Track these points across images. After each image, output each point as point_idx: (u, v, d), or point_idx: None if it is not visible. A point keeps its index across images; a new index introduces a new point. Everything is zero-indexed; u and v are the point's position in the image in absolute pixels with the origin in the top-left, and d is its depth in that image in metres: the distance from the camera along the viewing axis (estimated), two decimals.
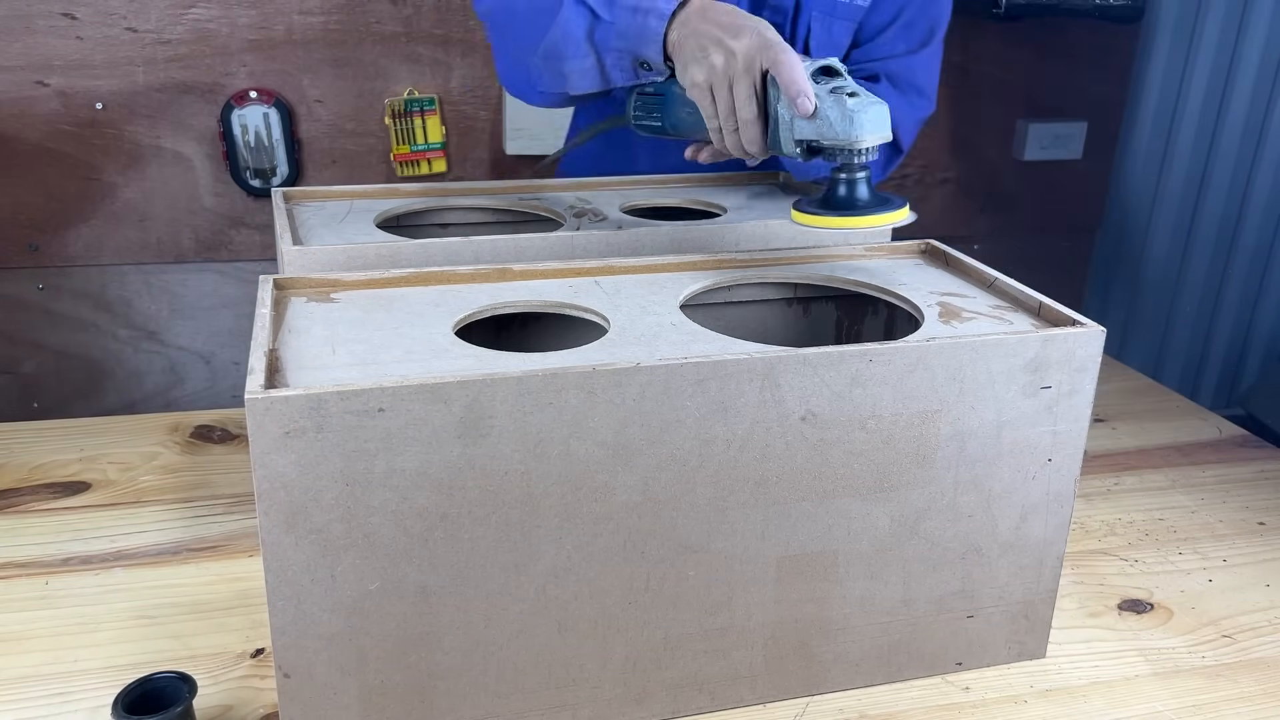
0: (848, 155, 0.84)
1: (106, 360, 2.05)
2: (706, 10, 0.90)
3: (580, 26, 0.95)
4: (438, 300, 0.83)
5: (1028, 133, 2.33)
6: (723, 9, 0.90)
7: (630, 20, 0.92)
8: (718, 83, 0.87)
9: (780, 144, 0.87)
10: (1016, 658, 0.86)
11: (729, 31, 0.86)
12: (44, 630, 0.86)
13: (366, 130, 2.01)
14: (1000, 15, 2.11)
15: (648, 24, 0.91)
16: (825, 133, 0.83)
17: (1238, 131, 2.37)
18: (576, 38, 0.96)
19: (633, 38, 0.92)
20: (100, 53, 1.85)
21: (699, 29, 0.88)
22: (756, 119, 0.87)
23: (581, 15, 0.95)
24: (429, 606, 0.70)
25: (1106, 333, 0.78)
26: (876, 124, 0.83)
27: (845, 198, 0.86)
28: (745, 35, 0.86)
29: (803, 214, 0.88)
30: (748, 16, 0.89)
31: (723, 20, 0.88)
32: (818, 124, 0.83)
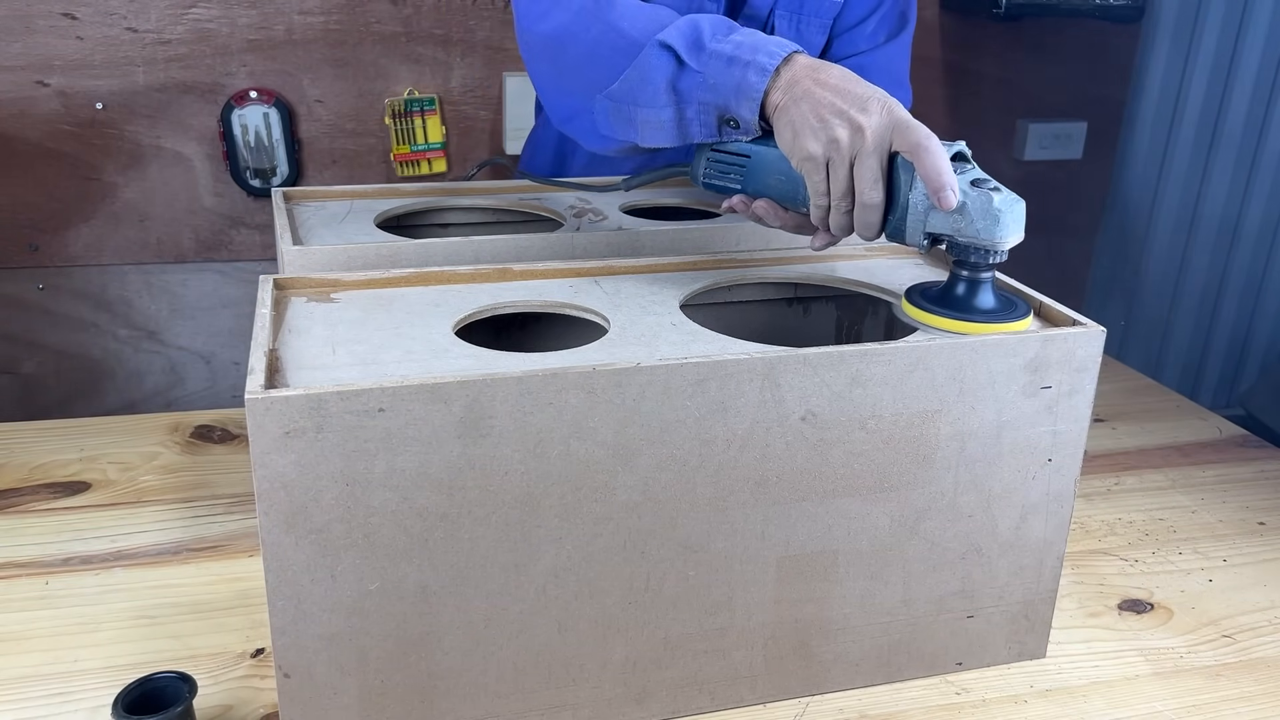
0: (982, 255, 0.78)
1: (106, 360, 2.05)
2: (819, 71, 0.80)
3: (663, 73, 0.84)
4: (438, 300, 0.83)
5: (1028, 133, 2.33)
6: (838, 72, 0.80)
7: (724, 72, 0.81)
8: (837, 159, 0.78)
9: (905, 233, 0.80)
10: (1016, 658, 0.86)
11: (854, 103, 0.77)
12: (44, 630, 0.86)
13: (366, 130, 2.01)
14: (1000, 15, 2.11)
15: (746, 79, 0.81)
16: (964, 229, 0.77)
17: (1238, 131, 2.37)
18: (656, 85, 0.85)
19: (725, 92, 0.82)
20: (100, 53, 1.85)
21: (813, 93, 0.79)
22: (881, 204, 0.79)
23: (665, 61, 0.84)
24: (429, 606, 0.70)
25: (1106, 333, 0.78)
26: (1018, 224, 0.77)
27: (968, 299, 0.80)
28: (874, 110, 0.77)
29: (918, 310, 0.81)
30: (868, 85, 0.80)
31: (843, 87, 0.79)
32: (954, 219, 0.77)
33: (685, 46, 0.84)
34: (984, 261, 0.78)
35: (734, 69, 0.81)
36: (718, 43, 0.83)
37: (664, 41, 0.84)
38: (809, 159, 0.79)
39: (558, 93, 0.97)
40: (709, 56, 0.82)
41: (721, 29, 0.84)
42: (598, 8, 0.90)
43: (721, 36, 0.83)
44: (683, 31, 0.84)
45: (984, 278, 0.80)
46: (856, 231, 0.81)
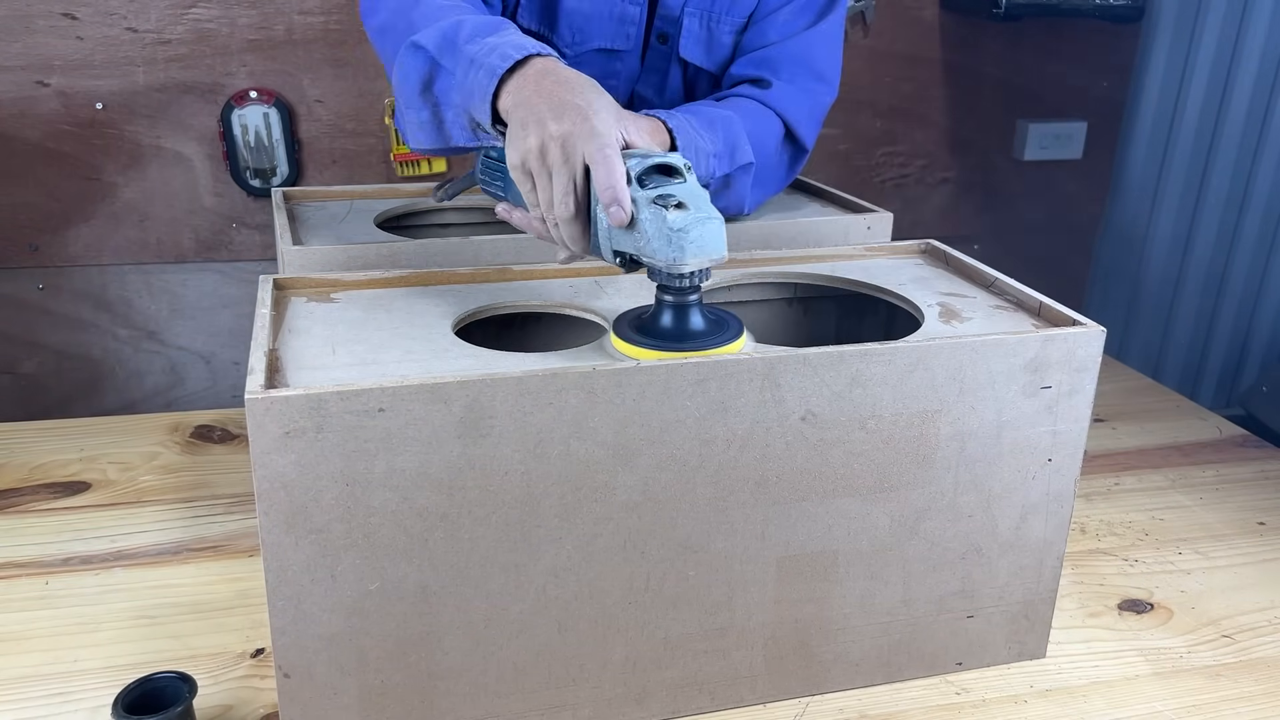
0: (667, 278, 0.71)
1: (106, 360, 2.05)
2: (543, 76, 0.76)
3: (418, 74, 0.83)
4: (438, 300, 0.83)
5: (1028, 133, 2.33)
6: (563, 77, 0.77)
7: (466, 74, 0.79)
8: (535, 170, 0.74)
9: (600, 251, 0.74)
10: (1016, 658, 0.86)
11: (553, 110, 0.73)
12: (44, 630, 0.86)
13: (366, 130, 2.01)
14: (1000, 15, 2.11)
15: (479, 81, 0.78)
16: (643, 249, 0.71)
17: (1238, 131, 2.37)
18: (413, 86, 0.84)
19: (466, 94, 0.80)
20: (100, 53, 1.85)
21: (529, 100, 0.75)
22: (574, 219, 0.74)
23: (418, 62, 0.83)
24: (429, 606, 0.70)
25: (1106, 333, 0.78)
26: (704, 245, 0.69)
27: (669, 328, 0.74)
28: (568, 116, 0.72)
29: (621, 341, 0.74)
30: (584, 91, 0.75)
31: (555, 93, 0.74)
32: (635, 238, 0.71)
33: (438, 47, 0.82)
34: (671, 285, 0.72)
35: (473, 71, 0.79)
36: (471, 44, 0.80)
37: (416, 42, 0.83)
38: (513, 168, 0.75)
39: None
40: (459, 58, 0.80)
41: (483, 30, 0.82)
42: (404, 8, 0.88)
43: (478, 38, 0.80)
44: (443, 31, 0.82)
45: (676, 301, 0.73)
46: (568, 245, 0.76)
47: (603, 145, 0.71)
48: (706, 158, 0.94)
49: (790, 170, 1.10)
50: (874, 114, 2.27)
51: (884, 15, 2.19)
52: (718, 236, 0.70)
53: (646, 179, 0.72)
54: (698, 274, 0.71)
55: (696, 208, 0.70)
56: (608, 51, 1.09)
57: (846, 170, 2.29)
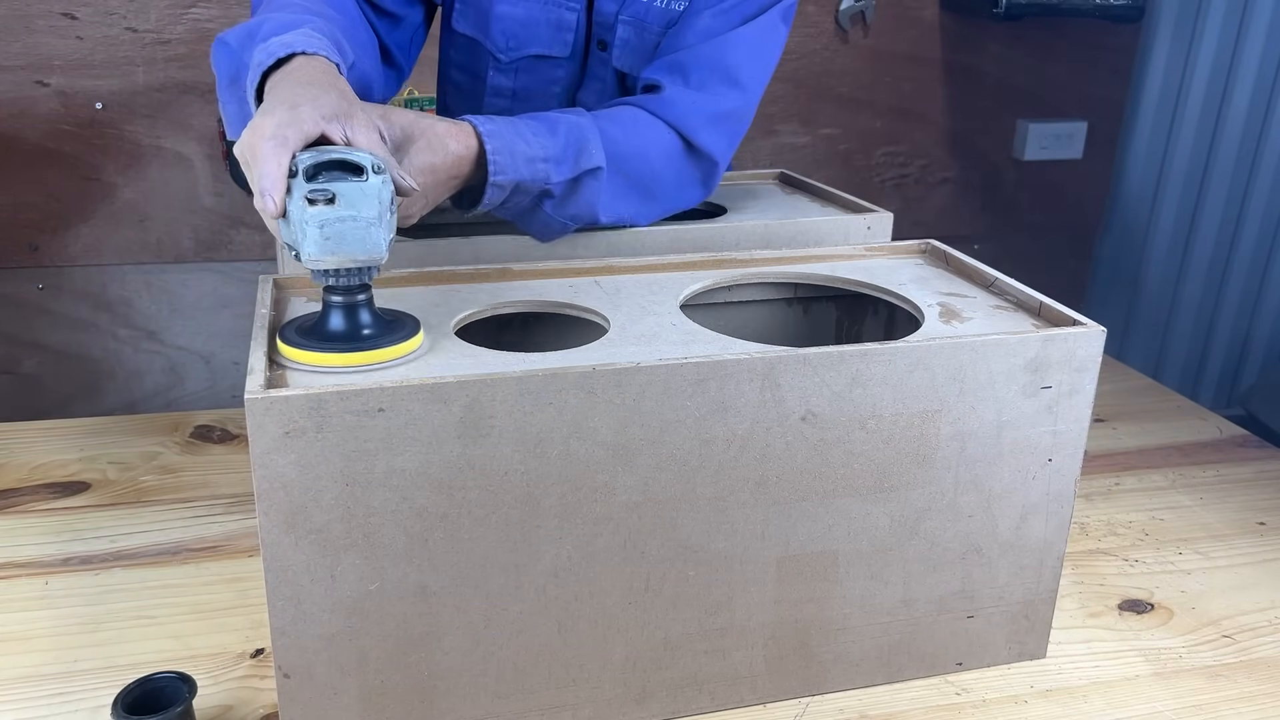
0: (315, 276, 0.70)
1: (106, 360, 2.05)
2: (292, 73, 0.79)
3: (225, 69, 0.87)
4: (438, 300, 0.83)
5: (1028, 133, 2.33)
6: (305, 75, 0.78)
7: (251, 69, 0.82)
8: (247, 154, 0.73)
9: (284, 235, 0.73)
10: (1017, 658, 0.86)
11: (269, 108, 0.74)
12: (44, 630, 0.86)
13: None
14: (1000, 15, 2.11)
15: (252, 77, 0.81)
16: (293, 242, 0.69)
17: (1238, 131, 2.37)
18: (222, 80, 0.88)
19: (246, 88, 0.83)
20: (100, 53, 1.85)
21: (272, 88, 0.77)
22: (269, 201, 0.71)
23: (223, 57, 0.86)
24: (429, 606, 0.69)
25: (1107, 333, 0.78)
26: (343, 242, 0.67)
27: (331, 329, 0.71)
28: (274, 113, 0.72)
29: (285, 345, 0.71)
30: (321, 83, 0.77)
31: (282, 90, 0.76)
32: (289, 230, 0.70)
33: (240, 43, 0.85)
34: (323, 283, 0.70)
35: (254, 67, 0.81)
36: (268, 42, 0.81)
37: (222, 38, 0.86)
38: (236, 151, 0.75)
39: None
40: (255, 53, 0.82)
41: (281, 28, 0.83)
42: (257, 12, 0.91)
43: (272, 36, 0.82)
44: (246, 29, 0.85)
45: (335, 300, 0.71)
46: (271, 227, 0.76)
47: (270, 138, 0.70)
48: (530, 162, 0.90)
49: (700, 184, 1.03)
50: (874, 114, 2.27)
51: (884, 15, 2.19)
52: (359, 237, 0.67)
53: (319, 174, 0.69)
54: (343, 273, 0.69)
55: (350, 205, 0.68)
56: (545, 58, 1.08)
57: (846, 170, 2.29)
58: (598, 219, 0.97)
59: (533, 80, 1.11)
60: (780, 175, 1.27)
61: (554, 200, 0.93)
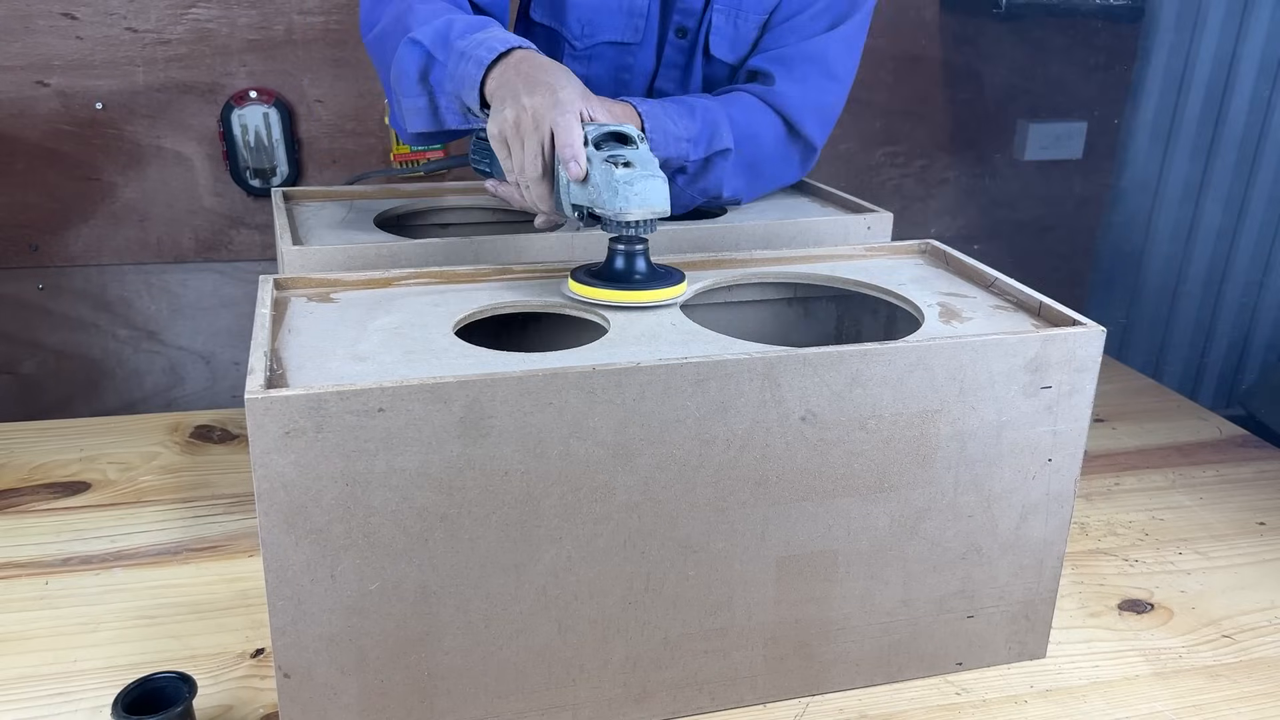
0: (615, 226, 0.81)
1: (106, 360, 2.05)
2: (521, 63, 0.88)
3: (414, 66, 0.94)
4: (438, 300, 0.83)
5: (1028, 133, 2.33)
6: (538, 63, 0.88)
7: (458, 65, 0.91)
8: (510, 138, 0.85)
9: (561, 206, 0.86)
10: (1017, 658, 0.86)
11: (527, 87, 0.85)
12: (44, 630, 0.86)
13: (366, 130, 2.01)
14: (1000, 15, 2.11)
15: (468, 71, 0.90)
16: (595, 200, 0.81)
17: (1238, 131, 2.36)
18: (410, 76, 0.95)
19: (458, 82, 0.91)
20: (100, 53, 1.85)
21: (508, 82, 0.87)
22: (541, 179, 0.85)
23: (416, 54, 0.94)
24: (429, 606, 0.70)
25: (1107, 333, 0.78)
26: (646, 197, 0.79)
27: (619, 270, 0.84)
28: (539, 92, 0.84)
29: (577, 283, 0.84)
30: (556, 73, 0.87)
31: (530, 75, 0.86)
32: (589, 191, 0.82)
33: (434, 42, 0.93)
34: (620, 234, 0.82)
35: (463, 63, 0.90)
36: (461, 39, 0.92)
37: (414, 38, 0.94)
38: (492, 138, 0.87)
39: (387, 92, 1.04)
40: (451, 51, 0.92)
41: (471, 28, 0.93)
42: (404, 14, 0.98)
43: (468, 34, 0.92)
44: (436, 29, 0.94)
45: (625, 249, 0.83)
46: (538, 206, 0.88)
47: (564, 112, 0.82)
48: (678, 141, 1.00)
49: (799, 165, 1.16)
50: (874, 114, 2.27)
51: (884, 15, 2.19)
52: (659, 192, 0.80)
53: (603, 144, 0.83)
54: (642, 224, 0.81)
55: (643, 167, 0.80)
56: (618, 45, 1.12)
57: (846, 170, 2.29)
58: (721, 194, 1.07)
59: (607, 68, 1.14)
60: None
61: (687, 176, 1.03)
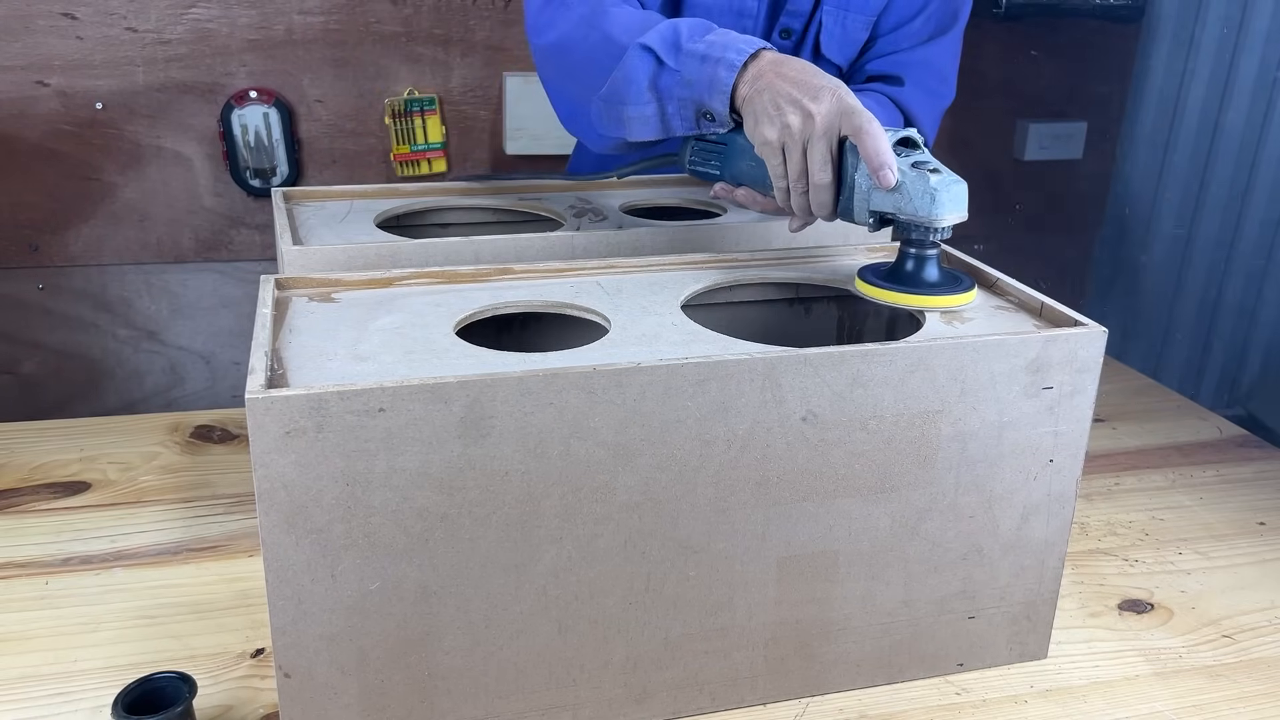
0: (923, 232, 0.82)
1: (106, 360, 2.05)
2: (781, 65, 0.87)
3: (644, 73, 0.92)
4: (438, 300, 0.83)
5: (1028, 133, 2.33)
6: (798, 65, 0.87)
7: (698, 69, 0.89)
8: (791, 144, 0.85)
9: (853, 212, 0.86)
10: (1018, 659, 0.86)
11: (808, 92, 0.84)
12: (44, 630, 0.86)
13: (366, 130, 2.01)
14: (1000, 15, 2.11)
15: (717, 75, 0.88)
16: (904, 207, 0.82)
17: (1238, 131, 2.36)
18: (639, 84, 0.93)
19: (699, 87, 0.90)
20: (100, 53, 1.85)
21: (774, 85, 0.86)
22: (831, 184, 0.85)
23: (646, 61, 0.92)
24: (429, 606, 0.69)
25: (1108, 333, 0.78)
26: (956, 203, 0.81)
27: (914, 274, 0.85)
28: (825, 98, 0.84)
29: (870, 286, 0.86)
30: (825, 76, 0.86)
31: (800, 79, 0.85)
32: (896, 197, 0.82)
33: (664, 48, 0.92)
34: (924, 239, 0.83)
35: (706, 66, 0.89)
36: (693, 43, 0.90)
37: (644, 44, 0.92)
38: (766, 144, 0.86)
39: (561, 97, 1.06)
40: (685, 56, 0.90)
41: (699, 30, 0.92)
42: (594, 17, 0.97)
43: (698, 37, 0.91)
44: (662, 34, 0.92)
45: (926, 254, 0.84)
46: (813, 211, 0.88)
47: (869, 120, 0.82)
48: None
49: None
50: None
51: None
52: (964, 196, 0.82)
53: (897, 150, 0.83)
54: (946, 229, 0.83)
55: (946, 173, 0.82)
56: None
57: None
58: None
59: None
60: None
61: None
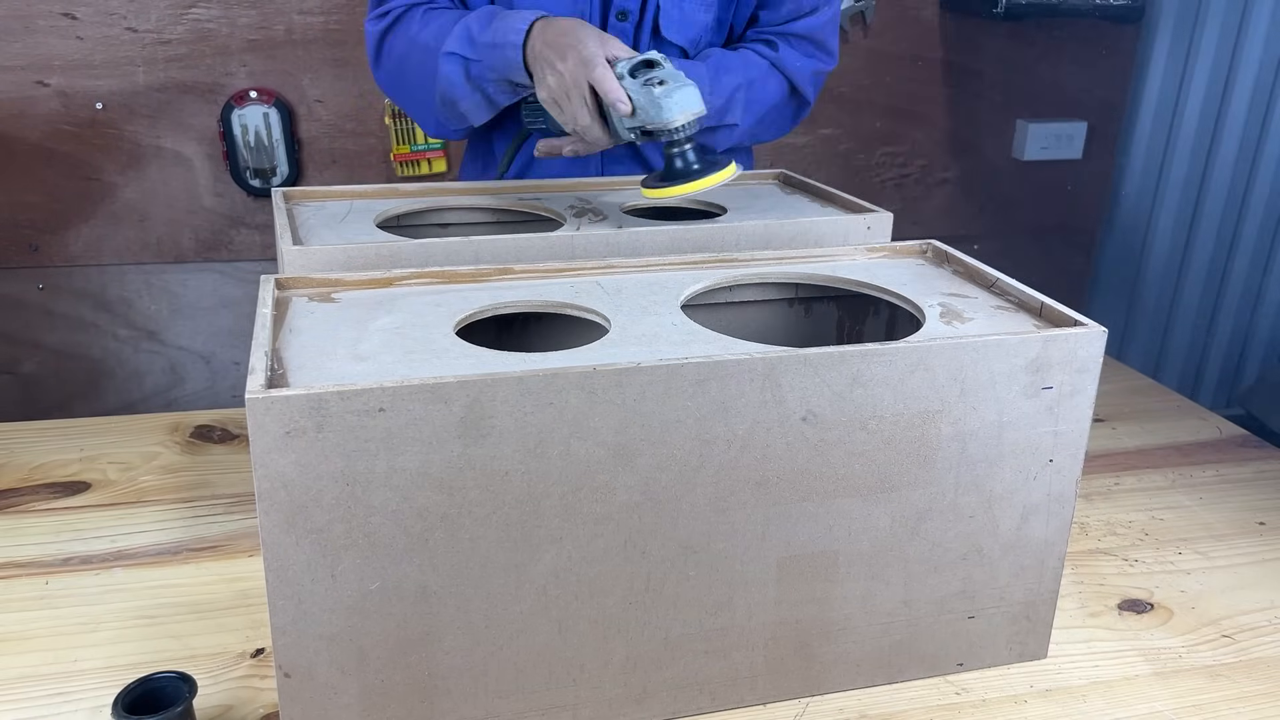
0: (667, 134, 0.98)
1: (106, 360, 2.05)
2: (545, 33, 1.04)
3: (458, 72, 1.11)
4: (438, 300, 0.83)
5: (1028, 133, 2.33)
6: (556, 28, 1.03)
7: (494, 55, 1.08)
8: (559, 98, 1.03)
9: (619, 134, 1.03)
10: (1018, 658, 0.86)
11: (557, 54, 1.02)
12: (44, 630, 0.86)
13: (366, 130, 2.01)
14: (1000, 15, 2.11)
15: (507, 55, 1.06)
16: (645, 121, 0.98)
17: (1238, 131, 2.37)
18: (458, 83, 1.11)
19: (501, 68, 1.08)
20: (100, 53, 1.85)
21: (542, 53, 1.03)
22: (594, 122, 1.03)
23: (455, 64, 1.11)
24: (429, 606, 0.69)
25: (1108, 333, 0.78)
26: (685, 103, 0.97)
27: (678, 169, 1.01)
28: (568, 57, 1.01)
29: (648, 189, 1.02)
30: (574, 33, 1.02)
31: (555, 40, 1.02)
32: (638, 116, 0.99)
33: (463, 47, 1.10)
34: (671, 139, 0.99)
35: (497, 51, 1.07)
36: (483, 35, 1.08)
37: (448, 50, 1.11)
38: (545, 103, 1.05)
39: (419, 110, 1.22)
40: (481, 47, 1.09)
41: (484, 21, 1.09)
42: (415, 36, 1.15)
43: (485, 27, 1.08)
44: (458, 36, 1.10)
45: (684, 150, 1.00)
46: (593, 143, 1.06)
47: (595, 66, 0.99)
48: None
49: (794, 119, 1.33)
50: (874, 114, 2.27)
51: (884, 15, 2.19)
52: (694, 96, 0.98)
53: (637, 72, 0.99)
54: (686, 125, 0.98)
55: (673, 81, 0.97)
56: None
57: (846, 170, 2.29)
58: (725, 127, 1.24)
59: None
60: (780, 175, 1.27)
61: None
